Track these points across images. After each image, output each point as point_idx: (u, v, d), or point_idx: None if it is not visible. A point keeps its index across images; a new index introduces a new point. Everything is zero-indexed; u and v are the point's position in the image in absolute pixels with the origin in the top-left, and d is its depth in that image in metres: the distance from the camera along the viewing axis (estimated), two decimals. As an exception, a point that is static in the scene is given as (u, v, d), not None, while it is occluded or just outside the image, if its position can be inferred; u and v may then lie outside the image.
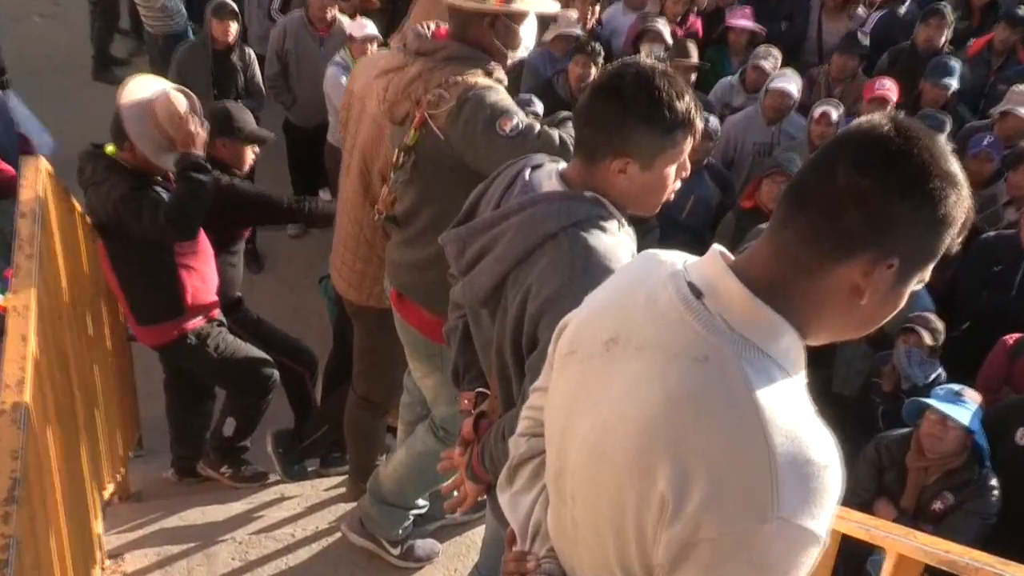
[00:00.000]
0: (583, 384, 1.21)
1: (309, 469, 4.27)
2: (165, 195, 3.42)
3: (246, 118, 3.94)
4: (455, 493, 2.02)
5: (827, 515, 1.04)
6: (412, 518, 3.20)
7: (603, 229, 1.67)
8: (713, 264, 1.14)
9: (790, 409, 1.05)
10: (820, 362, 4.09)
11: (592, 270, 1.60)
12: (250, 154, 3.95)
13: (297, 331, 4.85)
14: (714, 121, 5.05)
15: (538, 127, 2.36)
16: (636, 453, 1.09)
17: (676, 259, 1.21)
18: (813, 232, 1.07)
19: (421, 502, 3.19)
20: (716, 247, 1.16)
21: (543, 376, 1.42)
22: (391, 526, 3.17)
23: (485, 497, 2.02)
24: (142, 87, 3.43)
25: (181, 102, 3.42)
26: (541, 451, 1.40)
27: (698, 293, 1.12)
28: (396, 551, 3.20)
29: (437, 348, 2.73)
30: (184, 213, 3.38)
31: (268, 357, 3.96)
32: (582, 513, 1.21)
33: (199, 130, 3.43)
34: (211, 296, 3.78)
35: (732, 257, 1.16)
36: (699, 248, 1.20)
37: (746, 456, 1.03)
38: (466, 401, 2.00)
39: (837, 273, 1.07)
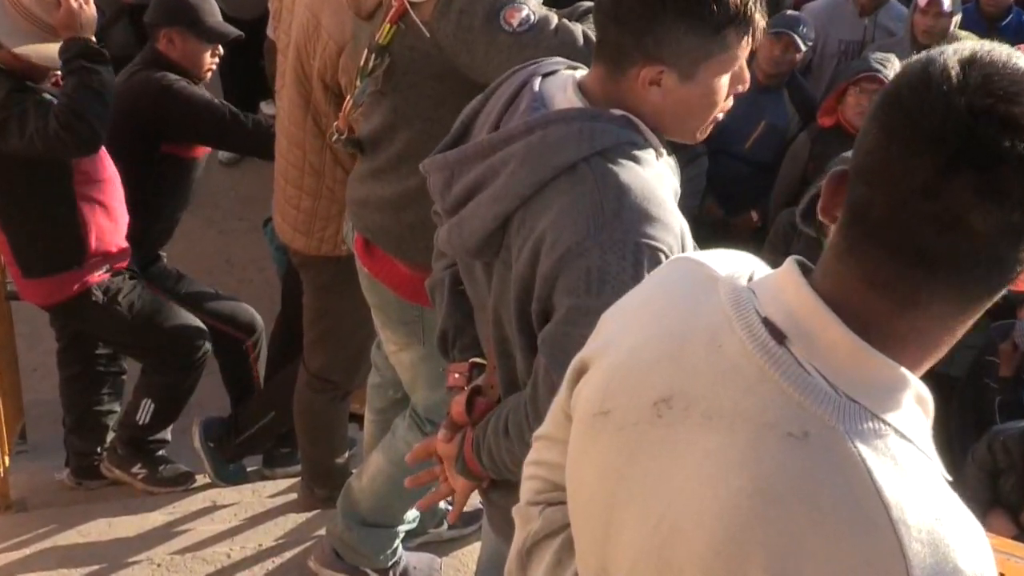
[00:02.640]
0: (628, 462, 1.17)
1: (249, 470, 4.30)
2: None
3: (211, 7, 3.92)
4: (443, 507, 2.05)
5: None
6: (402, 535, 3.26)
7: (637, 160, 1.67)
8: (797, 292, 1.08)
9: (925, 501, 1.02)
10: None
11: (626, 215, 1.61)
12: (209, 59, 3.96)
13: (233, 289, 4.87)
14: (804, 21, 4.94)
15: (555, 20, 2.33)
16: (719, 559, 1.05)
17: (732, 272, 1.16)
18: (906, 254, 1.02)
19: (411, 515, 3.25)
20: (794, 262, 1.11)
21: (551, 422, 1.39)
22: (376, 551, 3.20)
23: (481, 504, 2.04)
24: None
25: None
26: (564, 525, 1.36)
27: (779, 336, 1.08)
28: None
29: (416, 311, 2.76)
30: (80, 115, 3.34)
31: (198, 322, 4.01)
32: None
33: (83, 5, 3.39)
34: (121, 240, 3.79)
35: (810, 267, 1.11)
36: (758, 192, 1.15)
37: (875, 570, 1.00)
38: (456, 375, 2.02)
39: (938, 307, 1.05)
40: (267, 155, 3.50)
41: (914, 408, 1.08)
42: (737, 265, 1.18)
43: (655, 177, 1.67)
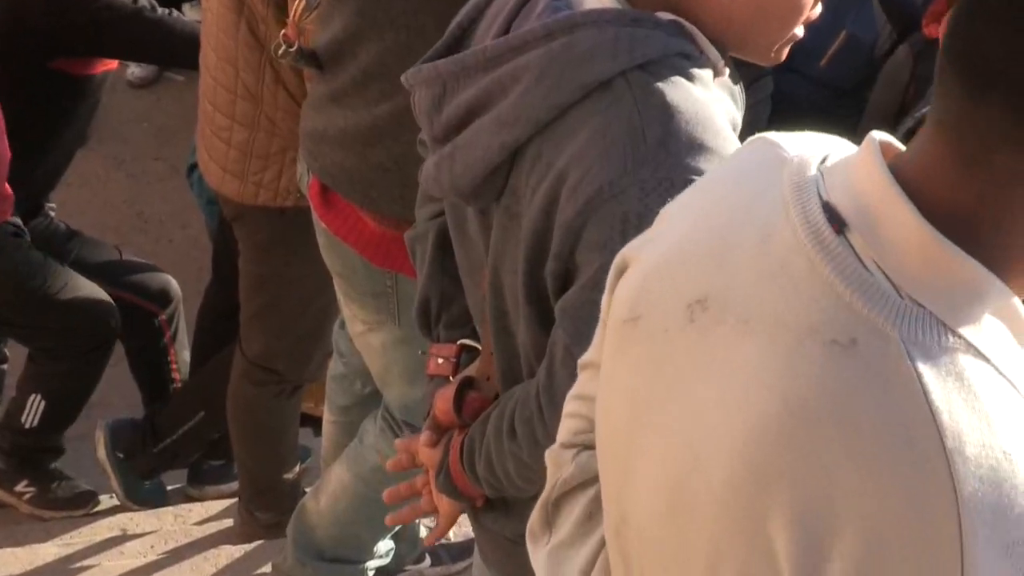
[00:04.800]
0: (653, 379, 1.24)
1: (170, 488, 4.31)
2: None
3: None
4: (421, 528, 2.07)
5: None
6: (373, 573, 3.28)
7: (690, 76, 1.68)
8: (870, 172, 1.13)
9: (994, 432, 1.07)
10: None
11: (673, 145, 1.63)
12: None
13: (147, 251, 4.89)
14: None
15: None
16: (738, 496, 1.12)
17: (810, 153, 1.20)
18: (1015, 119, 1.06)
19: (383, 547, 3.26)
20: (875, 136, 1.16)
21: (595, 346, 1.45)
22: None
23: (471, 533, 2.09)
24: None
25: None
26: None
27: (840, 223, 1.13)
28: None
29: (388, 280, 2.79)
30: None
31: (104, 294, 4.04)
32: None
33: None
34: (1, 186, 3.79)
35: (901, 149, 1.16)
36: (836, 124, 1.18)
37: (920, 516, 1.05)
38: (440, 359, 2.05)
39: None
40: (196, 67, 3.51)
41: (1001, 327, 1.11)
42: (818, 147, 1.22)
43: (711, 99, 1.69)
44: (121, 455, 4.18)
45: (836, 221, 1.12)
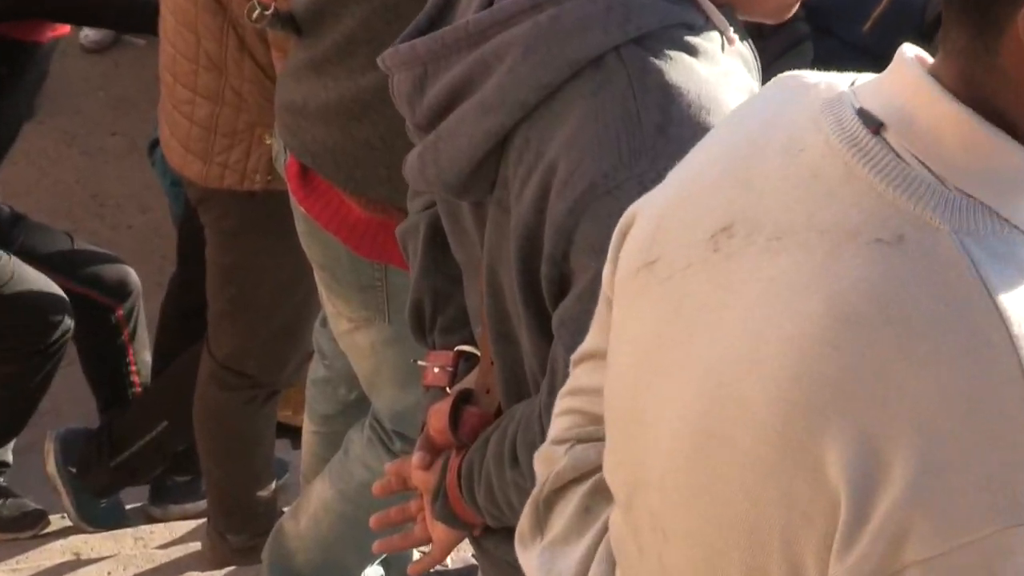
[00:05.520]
0: (670, 319, 1.27)
1: (129, 507, 4.30)
2: None
3: None
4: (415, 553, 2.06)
5: None
6: None
7: (692, 50, 1.69)
8: (903, 73, 1.19)
9: None
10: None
11: (675, 131, 1.63)
12: None
13: (104, 238, 4.91)
14: None
15: None
16: (780, 418, 1.14)
17: (837, 78, 1.27)
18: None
19: (372, 573, 3.30)
20: (908, 48, 1.21)
21: (595, 328, 1.47)
22: None
23: (470, 559, 2.10)
24: None
25: None
26: (596, 467, 1.46)
27: (876, 125, 1.17)
28: None
29: (377, 272, 2.81)
30: None
31: (55, 288, 4.04)
32: (680, 554, 1.28)
33: None
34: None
35: (930, 62, 1.21)
36: None
37: (986, 409, 1.08)
38: (436, 369, 2.06)
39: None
40: (156, 32, 3.51)
41: None
42: (844, 75, 1.28)
43: (719, 76, 1.69)
44: (74, 470, 4.16)
45: (872, 123, 1.17)
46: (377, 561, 3.28)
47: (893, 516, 1.08)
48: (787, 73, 1.34)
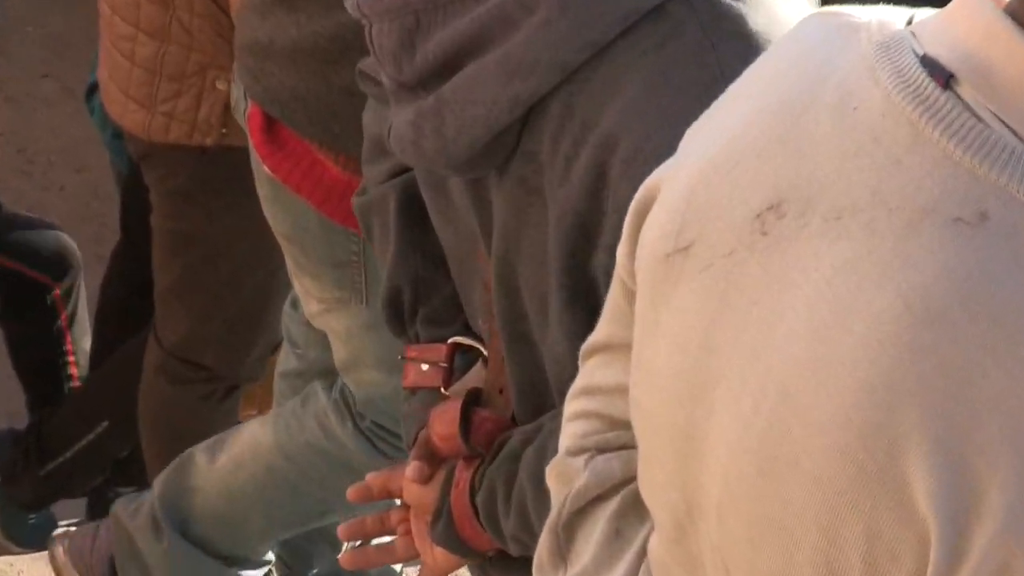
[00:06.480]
0: (716, 316, 1.26)
1: (63, 524, 4.19)
2: None
3: None
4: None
5: None
6: None
7: None
8: (972, 11, 1.16)
9: None
10: None
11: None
12: None
13: (32, 200, 4.91)
14: None
15: None
16: (854, 434, 1.13)
17: (890, 15, 1.25)
18: None
19: (270, 556, 3.33)
20: None
21: (606, 317, 1.48)
22: None
23: None
24: None
25: None
26: (625, 479, 1.47)
27: (946, 76, 1.15)
28: None
29: (355, 244, 2.86)
30: None
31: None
32: None
33: None
34: None
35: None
36: None
37: None
38: (426, 365, 2.07)
39: None
40: None
41: None
42: (898, 11, 1.26)
43: (801, 15, 1.64)
44: (-2, 482, 4.16)
45: (940, 73, 1.14)
46: (281, 537, 3.31)
47: (993, 550, 1.06)
48: (827, 9, 1.33)
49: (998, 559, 1.06)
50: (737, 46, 1.63)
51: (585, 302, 1.72)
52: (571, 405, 1.55)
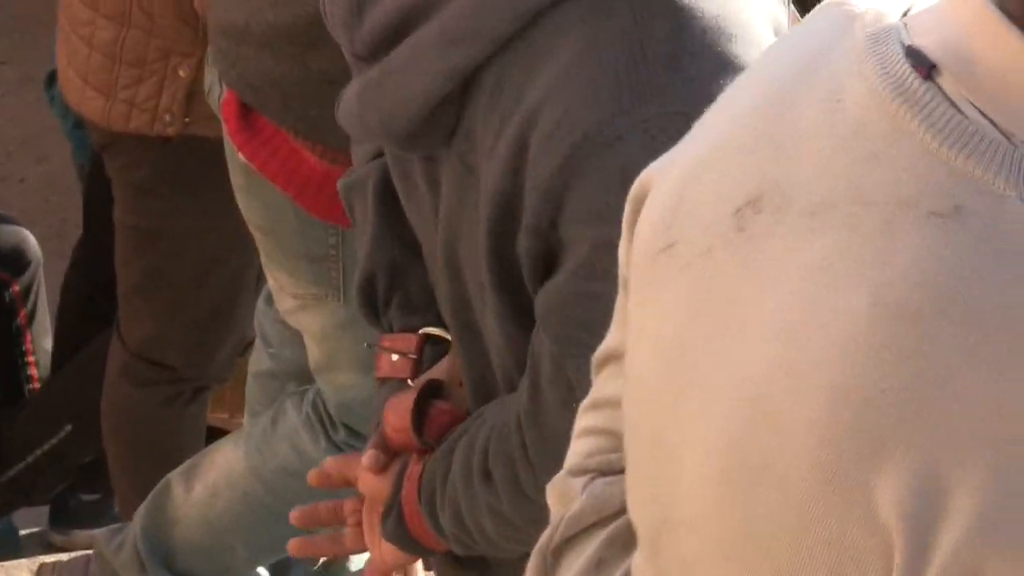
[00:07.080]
0: (694, 315, 1.25)
1: (23, 533, 4.25)
2: None
3: None
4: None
5: None
6: None
7: None
8: (961, 2, 1.16)
9: None
10: None
11: (690, 64, 1.66)
12: None
13: None
14: None
15: None
16: (822, 446, 1.11)
17: (887, 8, 1.24)
18: None
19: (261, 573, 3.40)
20: None
21: (617, 326, 1.45)
22: None
23: None
24: None
25: None
26: (619, 510, 1.44)
27: (927, 67, 1.14)
28: None
29: (332, 237, 2.88)
30: None
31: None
32: None
33: None
34: None
35: None
36: None
37: None
38: (395, 356, 2.08)
39: None
40: None
41: None
42: (897, 1, 1.24)
43: (745, 3, 1.73)
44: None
45: (922, 64, 1.14)
46: (269, 562, 3.34)
47: (959, 555, 1.05)
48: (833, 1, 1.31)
49: (964, 565, 1.04)
50: (664, 21, 1.65)
51: (512, 286, 1.74)
52: (580, 421, 1.52)
